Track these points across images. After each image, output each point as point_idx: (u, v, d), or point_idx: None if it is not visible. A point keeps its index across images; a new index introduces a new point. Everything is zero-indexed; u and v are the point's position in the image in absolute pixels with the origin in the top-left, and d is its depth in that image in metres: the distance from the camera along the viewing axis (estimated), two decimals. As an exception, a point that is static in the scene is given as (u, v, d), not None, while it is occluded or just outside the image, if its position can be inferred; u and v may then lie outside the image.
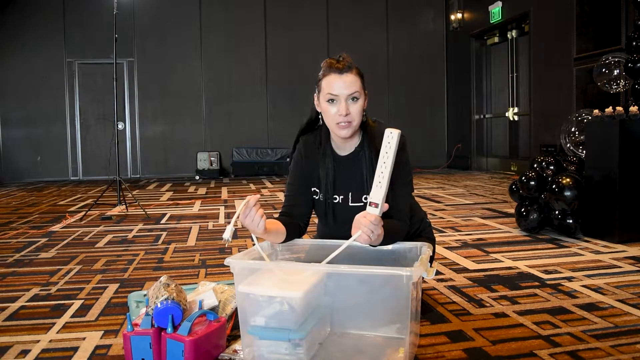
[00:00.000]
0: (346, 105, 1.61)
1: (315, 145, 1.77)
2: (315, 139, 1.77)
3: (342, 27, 8.95)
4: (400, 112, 8.91)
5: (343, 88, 1.61)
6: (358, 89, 1.62)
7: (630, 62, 3.49)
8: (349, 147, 1.74)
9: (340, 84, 1.61)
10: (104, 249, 3.12)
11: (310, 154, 1.77)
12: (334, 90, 1.62)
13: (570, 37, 6.05)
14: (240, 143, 8.76)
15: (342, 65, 1.62)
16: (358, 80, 1.63)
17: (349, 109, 1.61)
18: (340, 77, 1.61)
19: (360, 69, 1.66)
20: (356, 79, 1.62)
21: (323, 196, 1.76)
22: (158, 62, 8.59)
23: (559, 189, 3.08)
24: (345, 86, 1.61)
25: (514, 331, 1.68)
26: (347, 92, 1.61)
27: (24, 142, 8.35)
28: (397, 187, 1.67)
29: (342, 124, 1.63)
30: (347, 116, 1.61)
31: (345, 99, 1.61)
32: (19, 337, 1.72)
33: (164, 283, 1.53)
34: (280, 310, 1.38)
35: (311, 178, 1.77)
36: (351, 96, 1.62)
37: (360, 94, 1.63)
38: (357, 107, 1.63)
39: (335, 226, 1.77)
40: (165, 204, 5.17)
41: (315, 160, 1.76)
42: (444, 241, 3.11)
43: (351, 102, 1.62)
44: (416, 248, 1.64)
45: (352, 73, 1.62)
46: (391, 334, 1.45)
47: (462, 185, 6.39)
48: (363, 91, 1.65)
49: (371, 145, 1.69)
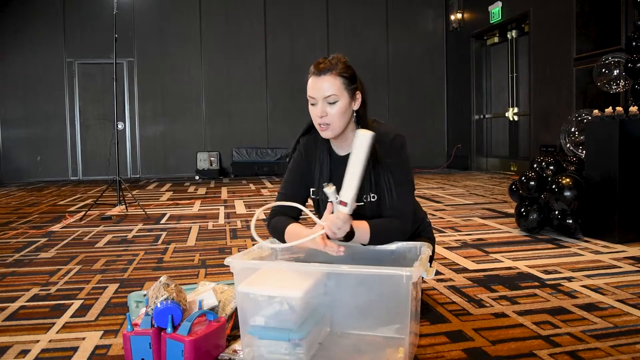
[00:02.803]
0: (322, 107, 1.60)
1: (315, 145, 1.77)
2: (315, 139, 1.77)
3: (342, 27, 8.95)
4: (400, 112, 8.92)
5: (318, 90, 1.60)
6: (335, 92, 1.59)
7: (630, 62, 3.49)
8: (347, 146, 1.74)
9: (315, 87, 1.61)
10: (104, 249, 3.12)
11: (309, 154, 1.77)
12: (311, 92, 1.62)
13: (570, 37, 6.05)
14: (240, 143, 8.77)
15: (321, 68, 1.60)
16: (337, 83, 1.59)
17: (325, 111, 1.60)
18: (317, 80, 1.61)
19: (349, 69, 1.63)
20: (334, 81, 1.59)
21: (320, 196, 1.76)
22: (158, 62, 8.59)
23: (558, 189, 3.08)
24: (319, 88, 1.60)
25: (513, 331, 1.68)
26: (321, 94, 1.60)
27: (24, 142, 8.35)
28: (398, 187, 1.67)
29: (322, 126, 1.63)
30: (322, 118, 1.61)
31: (322, 101, 1.60)
32: (19, 337, 1.72)
33: (164, 283, 1.53)
34: (280, 310, 1.38)
35: (310, 177, 1.77)
36: (327, 99, 1.60)
37: (340, 97, 1.60)
38: (335, 109, 1.61)
39: None
40: (165, 204, 5.17)
41: (314, 159, 1.76)
42: (443, 241, 3.11)
43: (329, 105, 1.61)
44: (416, 248, 1.64)
45: (330, 75, 1.59)
46: (391, 334, 1.45)
47: (462, 185, 6.39)
48: (347, 93, 1.62)
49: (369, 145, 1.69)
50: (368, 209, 1.69)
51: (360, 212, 1.69)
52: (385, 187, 1.67)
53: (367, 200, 1.70)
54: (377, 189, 1.68)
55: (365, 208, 1.69)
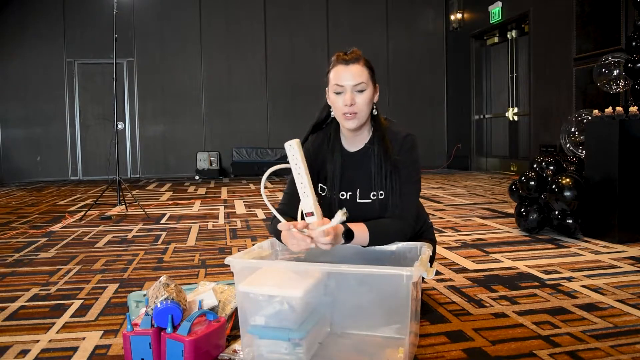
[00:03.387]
0: (352, 95, 1.61)
1: (325, 141, 1.76)
2: (325, 135, 1.76)
3: (342, 27, 8.95)
4: (400, 112, 8.91)
5: (348, 79, 1.61)
6: (364, 80, 1.62)
7: (630, 62, 3.49)
8: (359, 142, 1.73)
9: (345, 75, 1.62)
10: (104, 248, 3.12)
11: (319, 150, 1.76)
12: (340, 81, 1.62)
13: (570, 37, 6.05)
14: (240, 143, 8.76)
15: (349, 57, 1.63)
16: (365, 72, 1.63)
17: (354, 100, 1.61)
18: (346, 68, 1.62)
19: (370, 62, 1.66)
20: (363, 70, 1.63)
21: (329, 192, 1.74)
22: (158, 62, 8.59)
23: (558, 189, 3.08)
24: (350, 76, 1.61)
25: (513, 331, 1.68)
26: (352, 82, 1.61)
27: (24, 142, 8.35)
28: (403, 186, 1.66)
29: (348, 115, 1.63)
30: (352, 107, 1.61)
31: (351, 89, 1.61)
32: (19, 337, 1.72)
33: (164, 283, 1.53)
34: (280, 309, 1.38)
35: (318, 175, 1.75)
36: (357, 87, 1.62)
37: (367, 86, 1.63)
38: (364, 98, 1.63)
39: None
40: (165, 204, 5.17)
41: (324, 156, 1.75)
42: (443, 241, 3.11)
43: (357, 93, 1.62)
44: (416, 248, 1.64)
45: (358, 64, 1.63)
46: (391, 334, 1.44)
47: (461, 185, 6.39)
48: (372, 83, 1.65)
49: (381, 142, 1.68)
50: (374, 206, 1.69)
51: (367, 209, 1.69)
52: (393, 185, 1.66)
53: (374, 198, 1.69)
54: (385, 187, 1.68)
55: (372, 206, 1.69)
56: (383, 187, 1.67)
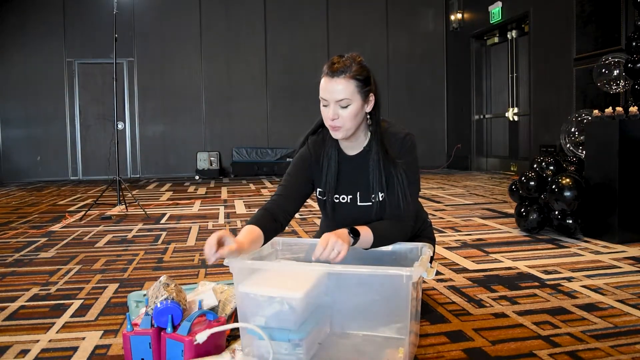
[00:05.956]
0: (334, 110, 1.57)
1: (323, 144, 1.75)
2: (324, 137, 1.75)
3: (342, 27, 8.95)
4: (400, 112, 8.90)
5: (330, 93, 1.56)
6: (347, 96, 1.55)
7: (630, 63, 3.49)
8: (357, 146, 1.72)
9: (328, 89, 1.57)
10: (104, 248, 3.12)
11: (318, 152, 1.75)
12: (323, 95, 1.59)
13: (570, 37, 6.04)
14: (240, 143, 8.76)
15: (335, 69, 1.56)
16: (351, 86, 1.55)
17: (337, 114, 1.57)
18: (330, 82, 1.56)
19: (364, 71, 1.58)
20: (348, 84, 1.55)
21: (327, 195, 1.74)
22: (158, 62, 8.59)
23: (558, 189, 3.08)
24: (332, 91, 1.56)
25: (513, 331, 1.68)
26: (334, 97, 1.56)
27: (24, 142, 8.35)
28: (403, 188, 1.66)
29: (333, 127, 1.61)
30: (334, 121, 1.59)
31: (334, 104, 1.57)
32: (19, 337, 1.72)
33: (164, 283, 1.53)
34: (280, 310, 1.38)
35: (317, 175, 1.75)
36: (340, 103, 1.56)
37: (352, 100, 1.57)
38: (348, 112, 1.57)
39: (339, 226, 1.74)
40: (165, 204, 5.17)
41: (322, 158, 1.74)
42: (443, 241, 3.11)
43: (340, 108, 1.58)
44: (417, 248, 1.64)
45: (343, 78, 1.55)
46: (391, 334, 1.45)
47: (461, 185, 6.39)
48: (360, 96, 1.58)
49: (379, 145, 1.67)
50: (375, 209, 1.69)
51: (368, 212, 1.69)
52: (392, 187, 1.66)
53: (375, 200, 1.69)
54: (386, 189, 1.68)
55: (373, 208, 1.69)
56: (383, 190, 1.67)
